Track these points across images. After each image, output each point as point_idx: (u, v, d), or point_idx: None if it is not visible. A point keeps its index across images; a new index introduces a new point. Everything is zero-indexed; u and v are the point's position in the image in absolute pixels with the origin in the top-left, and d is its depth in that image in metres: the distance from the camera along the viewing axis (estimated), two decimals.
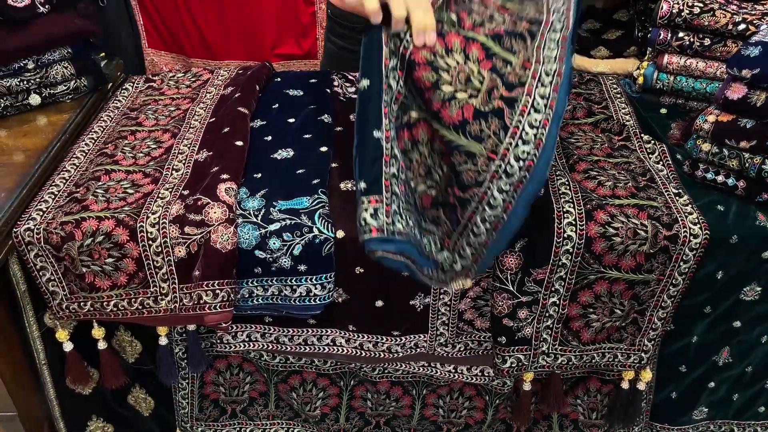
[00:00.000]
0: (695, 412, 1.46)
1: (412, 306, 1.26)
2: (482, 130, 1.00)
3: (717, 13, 1.39)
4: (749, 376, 1.42)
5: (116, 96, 1.55)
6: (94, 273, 1.16)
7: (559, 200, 1.18)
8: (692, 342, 1.34)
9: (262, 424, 1.50)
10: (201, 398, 1.44)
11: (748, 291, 1.29)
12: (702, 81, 1.46)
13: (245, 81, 1.53)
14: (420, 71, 1.04)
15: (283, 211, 1.17)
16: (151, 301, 1.19)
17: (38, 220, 1.15)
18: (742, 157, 1.21)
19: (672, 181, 1.27)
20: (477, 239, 1.03)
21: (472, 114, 1.00)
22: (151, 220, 1.14)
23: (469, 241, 1.04)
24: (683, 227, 1.16)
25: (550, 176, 1.23)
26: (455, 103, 1.02)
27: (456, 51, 1.03)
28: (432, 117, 1.04)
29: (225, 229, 1.12)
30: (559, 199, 1.18)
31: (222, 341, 1.32)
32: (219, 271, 1.14)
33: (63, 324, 1.24)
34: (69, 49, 1.45)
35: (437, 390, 1.43)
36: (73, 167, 1.30)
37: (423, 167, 1.08)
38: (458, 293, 1.25)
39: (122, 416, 1.43)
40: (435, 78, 1.03)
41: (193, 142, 1.34)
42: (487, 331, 1.29)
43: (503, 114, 1.01)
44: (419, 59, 1.04)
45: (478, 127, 1.00)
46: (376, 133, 1.05)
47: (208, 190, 1.17)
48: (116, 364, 1.32)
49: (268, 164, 1.29)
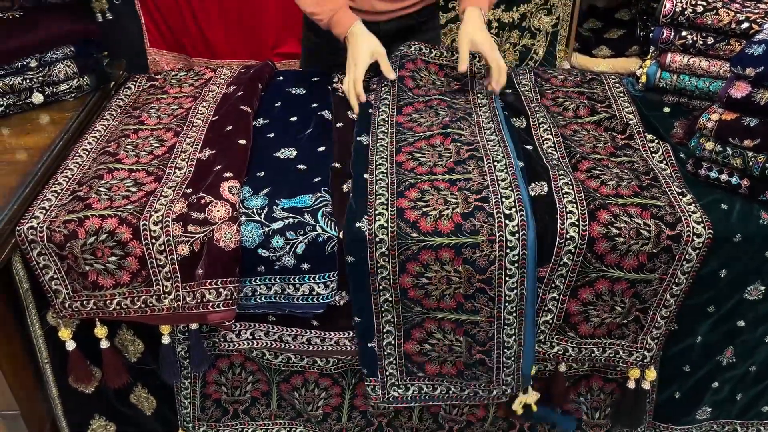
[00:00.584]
0: (699, 412, 1.46)
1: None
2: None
3: (720, 12, 1.39)
4: (753, 376, 1.42)
5: (119, 94, 1.55)
6: (97, 271, 1.16)
7: (562, 200, 1.18)
8: (696, 342, 1.34)
9: (264, 424, 1.49)
10: (203, 398, 1.44)
11: (752, 290, 1.28)
12: (705, 79, 1.46)
13: (248, 80, 1.53)
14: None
15: (286, 209, 1.17)
16: (154, 300, 1.19)
17: (41, 219, 1.15)
18: (745, 155, 1.21)
19: (675, 180, 1.27)
20: (509, 370, 1.29)
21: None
22: (154, 219, 1.14)
23: (505, 375, 1.30)
24: (686, 226, 1.16)
25: (553, 176, 1.23)
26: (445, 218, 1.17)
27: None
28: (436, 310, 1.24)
29: (228, 227, 1.12)
30: (563, 199, 1.18)
31: (225, 339, 1.32)
32: (222, 270, 1.14)
33: (66, 322, 1.24)
34: (71, 47, 1.45)
35: None
36: (76, 165, 1.30)
37: (445, 348, 1.29)
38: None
39: (125, 415, 1.43)
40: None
41: (195, 140, 1.34)
42: None
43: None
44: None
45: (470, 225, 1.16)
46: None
47: (212, 188, 1.17)
48: (119, 363, 1.32)
49: (270, 163, 1.29)
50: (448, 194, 1.20)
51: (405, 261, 1.17)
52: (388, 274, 1.18)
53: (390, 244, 1.15)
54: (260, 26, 2.49)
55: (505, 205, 1.16)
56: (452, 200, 1.19)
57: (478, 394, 1.35)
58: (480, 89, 1.52)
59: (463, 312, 1.24)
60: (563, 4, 2.40)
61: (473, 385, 1.34)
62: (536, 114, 1.44)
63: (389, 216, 1.17)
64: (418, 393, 1.34)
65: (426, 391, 1.34)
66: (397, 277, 1.19)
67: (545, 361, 1.33)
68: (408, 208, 1.18)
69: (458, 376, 1.33)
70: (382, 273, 1.18)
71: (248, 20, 2.47)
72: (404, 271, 1.18)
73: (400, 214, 1.17)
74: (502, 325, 1.24)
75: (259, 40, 2.52)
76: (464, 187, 1.22)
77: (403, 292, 1.21)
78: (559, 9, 2.40)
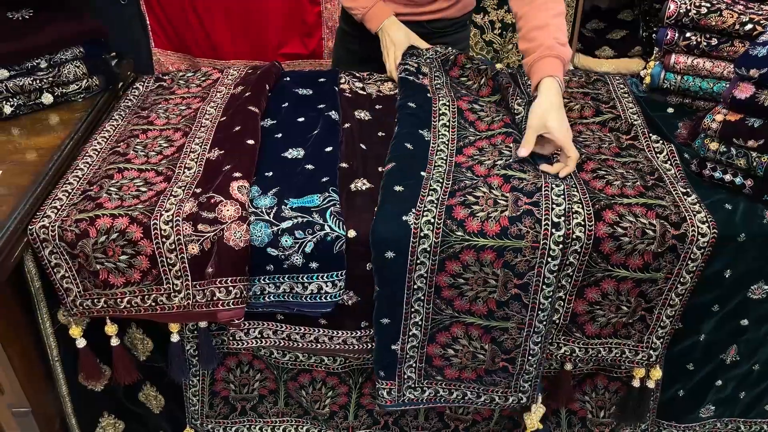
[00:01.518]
0: (702, 410, 1.47)
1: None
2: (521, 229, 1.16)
3: (724, 13, 1.40)
4: (756, 375, 1.43)
5: (127, 95, 1.56)
6: (108, 270, 1.17)
7: (569, 200, 1.19)
8: (700, 340, 1.35)
9: (271, 422, 1.51)
10: (211, 395, 1.45)
11: (756, 289, 1.29)
12: (709, 80, 1.47)
13: (255, 80, 1.54)
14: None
15: (295, 209, 1.18)
16: (164, 298, 1.20)
17: (53, 218, 1.16)
18: (749, 156, 1.22)
19: (680, 180, 1.28)
20: (528, 376, 1.30)
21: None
22: (165, 218, 1.15)
23: (523, 381, 1.32)
24: (691, 226, 1.17)
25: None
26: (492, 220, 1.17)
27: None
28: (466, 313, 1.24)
29: (238, 226, 1.13)
30: (571, 199, 1.19)
31: (234, 338, 1.33)
32: (232, 268, 1.15)
33: (76, 321, 1.25)
34: (81, 48, 1.46)
35: None
36: (86, 165, 1.31)
37: (468, 354, 1.29)
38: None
39: (133, 413, 1.44)
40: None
41: (204, 140, 1.36)
42: None
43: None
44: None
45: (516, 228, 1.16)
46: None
47: (221, 188, 1.18)
48: (128, 361, 1.33)
49: (279, 163, 1.30)
50: (500, 195, 1.20)
51: (445, 259, 1.17)
52: (426, 272, 1.18)
53: (434, 240, 1.15)
54: (264, 27, 2.50)
55: (555, 212, 1.16)
56: (502, 202, 1.18)
57: (495, 401, 1.35)
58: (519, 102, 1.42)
59: (493, 319, 1.23)
60: (566, 5, 2.41)
61: (491, 390, 1.33)
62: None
63: (437, 213, 1.16)
64: (433, 396, 1.35)
65: (442, 394, 1.34)
66: (435, 275, 1.18)
67: (551, 361, 1.34)
68: (456, 205, 1.18)
69: (477, 381, 1.32)
70: (420, 270, 1.18)
71: (253, 21, 2.48)
72: (443, 269, 1.18)
73: (448, 212, 1.16)
74: (532, 332, 1.24)
75: (263, 40, 2.54)
76: (517, 186, 1.21)
77: (437, 289, 1.20)
78: None
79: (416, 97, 1.47)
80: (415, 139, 1.35)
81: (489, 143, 1.35)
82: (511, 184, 1.22)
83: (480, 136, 1.37)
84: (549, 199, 1.19)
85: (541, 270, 1.17)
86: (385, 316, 1.24)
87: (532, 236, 1.15)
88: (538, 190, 1.20)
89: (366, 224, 1.17)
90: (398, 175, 1.24)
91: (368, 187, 1.26)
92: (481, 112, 1.44)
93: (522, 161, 1.28)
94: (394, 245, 1.16)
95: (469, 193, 1.21)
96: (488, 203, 1.18)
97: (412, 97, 1.46)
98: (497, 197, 1.20)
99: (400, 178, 1.24)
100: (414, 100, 1.45)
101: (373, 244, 1.16)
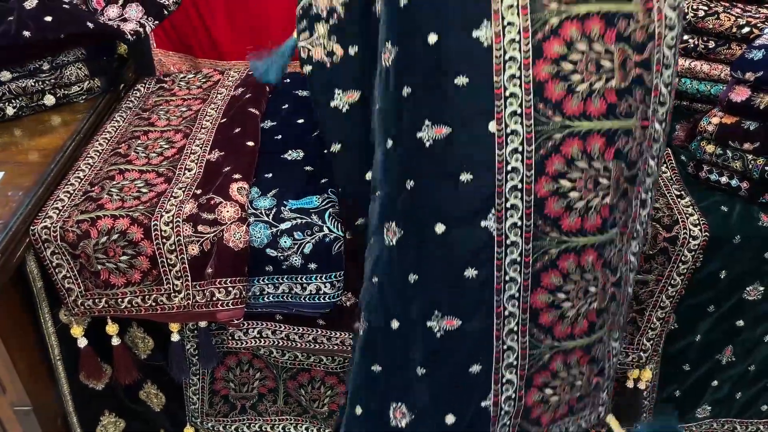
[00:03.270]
0: (698, 410, 1.48)
1: None
2: (630, 106, 0.92)
3: (721, 16, 1.41)
4: (752, 375, 1.43)
5: (128, 96, 1.57)
6: (109, 270, 1.19)
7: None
8: (696, 341, 1.36)
9: (270, 419, 1.52)
10: (211, 394, 1.46)
11: (751, 291, 1.30)
12: (706, 83, 1.48)
13: (255, 82, 1.55)
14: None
15: (294, 210, 1.19)
16: (164, 298, 1.21)
17: (54, 219, 1.18)
18: (745, 158, 1.23)
19: (675, 183, 1.29)
20: (606, 384, 1.10)
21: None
22: (165, 219, 1.16)
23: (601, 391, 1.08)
24: (683, 229, 1.18)
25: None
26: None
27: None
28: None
29: (237, 227, 1.15)
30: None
31: (233, 337, 1.35)
32: (231, 269, 1.16)
33: (78, 320, 1.26)
34: (83, 50, 1.47)
35: None
36: (88, 166, 1.32)
37: (567, 387, 1.04)
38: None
39: (134, 411, 1.45)
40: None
41: (204, 142, 1.37)
42: None
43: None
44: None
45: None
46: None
47: (221, 189, 1.20)
48: (129, 360, 1.34)
49: (278, 164, 1.32)
50: (602, 167, 0.92)
51: (540, 271, 0.93)
52: (517, 290, 0.93)
53: (524, 247, 0.91)
54: (267, 28, 2.50)
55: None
56: (603, 182, 0.93)
57: (581, 427, 1.12)
58: None
59: (593, 331, 1.01)
60: None
61: (579, 419, 1.11)
62: None
63: (524, 210, 0.91)
64: None
65: None
66: (528, 294, 0.93)
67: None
68: (548, 195, 0.91)
69: (568, 414, 1.08)
70: (510, 290, 0.93)
71: (255, 22, 2.48)
72: (538, 284, 0.93)
73: (538, 207, 0.90)
74: (616, 329, 1.06)
75: (265, 41, 2.53)
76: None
77: (533, 314, 0.95)
78: None
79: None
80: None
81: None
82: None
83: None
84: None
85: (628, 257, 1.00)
86: (477, 363, 0.96)
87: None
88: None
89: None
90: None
91: None
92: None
93: None
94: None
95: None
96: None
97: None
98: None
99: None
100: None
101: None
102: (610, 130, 0.90)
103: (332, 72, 1.06)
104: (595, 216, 0.93)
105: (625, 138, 0.92)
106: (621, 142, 0.92)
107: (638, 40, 0.89)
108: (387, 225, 0.98)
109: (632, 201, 0.97)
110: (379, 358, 1.04)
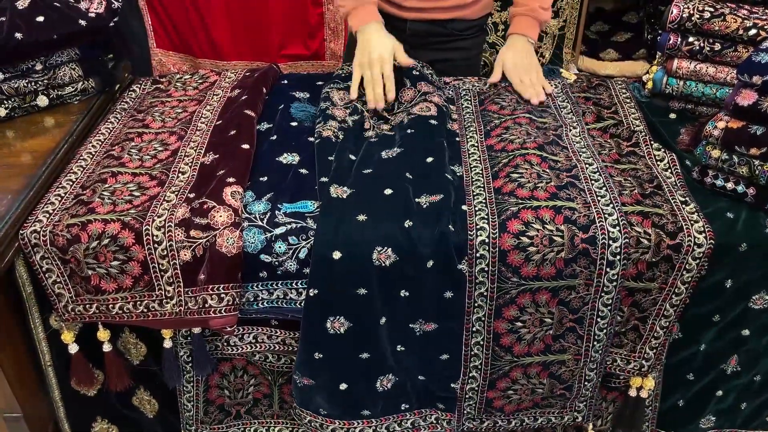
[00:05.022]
0: (702, 421, 1.45)
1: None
2: None
3: (728, 18, 1.38)
4: (757, 385, 1.41)
5: (123, 97, 1.55)
6: (100, 275, 1.16)
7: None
8: (700, 350, 1.33)
9: (266, 422, 1.49)
10: (206, 402, 1.44)
11: (757, 299, 1.27)
12: (712, 86, 1.45)
13: (252, 83, 1.52)
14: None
15: (289, 214, 1.17)
16: (156, 305, 1.19)
17: (44, 222, 1.15)
18: (752, 164, 1.20)
19: (680, 189, 1.26)
20: (584, 398, 1.33)
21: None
22: (157, 224, 1.14)
23: (578, 402, 1.34)
24: (687, 236, 1.15)
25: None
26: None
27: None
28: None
29: (231, 233, 1.12)
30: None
31: (229, 343, 1.32)
32: (224, 275, 1.14)
33: (68, 326, 1.24)
34: (77, 50, 1.45)
35: None
36: (80, 169, 1.30)
37: (528, 390, 1.30)
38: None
39: (127, 418, 1.43)
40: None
41: (199, 144, 1.34)
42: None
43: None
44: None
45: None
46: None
47: (214, 193, 1.17)
48: (121, 366, 1.32)
49: (273, 167, 1.29)
50: (554, 230, 1.14)
51: (502, 305, 1.18)
52: (484, 316, 1.19)
53: (489, 286, 1.16)
54: (267, 27, 2.48)
55: (610, 250, 1.13)
56: (558, 239, 1.13)
57: (551, 421, 1.37)
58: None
59: (550, 353, 1.24)
60: (570, 7, 2.39)
61: (547, 413, 1.35)
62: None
63: (490, 258, 1.14)
64: (492, 426, 1.37)
65: (501, 424, 1.36)
66: (492, 321, 1.20)
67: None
68: (511, 250, 1.13)
69: (534, 407, 1.34)
70: (477, 313, 1.19)
71: (255, 22, 2.46)
72: (500, 315, 1.19)
73: (501, 258, 1.13)
74: (588, 361, 1.26)
75: (265, 41, 2.52)
76: (570, 218, 1.15)
77: (496, 337, 1.22)
78: (566, 12, 2.39)
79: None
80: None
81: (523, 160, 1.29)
82: (563, 215, 1.16)
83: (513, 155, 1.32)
84: (605, 233, 1.14)
85: (596, 305, 1.18)
86: (447, 352, 1.25)
87: (585, 276, 1.15)
88: (591, 223, 1.15)
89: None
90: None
91: None
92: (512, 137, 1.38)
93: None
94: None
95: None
96: (544, 242, 1.13)
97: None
98: (552, 233, 1.14)
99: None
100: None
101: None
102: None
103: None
104: (549, 266, 1.14)
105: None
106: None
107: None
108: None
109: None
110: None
